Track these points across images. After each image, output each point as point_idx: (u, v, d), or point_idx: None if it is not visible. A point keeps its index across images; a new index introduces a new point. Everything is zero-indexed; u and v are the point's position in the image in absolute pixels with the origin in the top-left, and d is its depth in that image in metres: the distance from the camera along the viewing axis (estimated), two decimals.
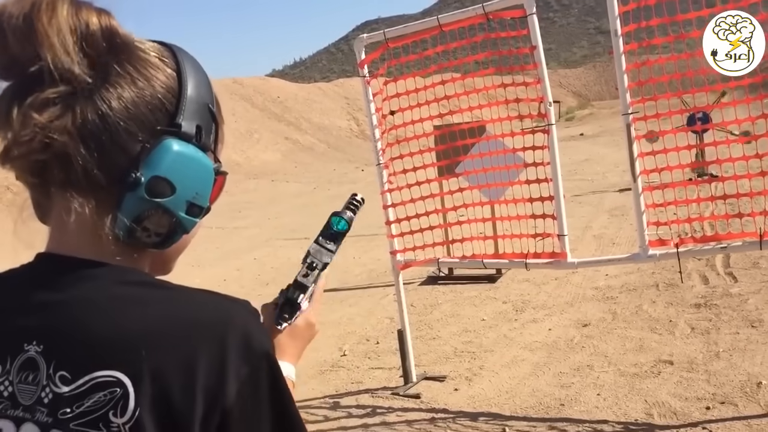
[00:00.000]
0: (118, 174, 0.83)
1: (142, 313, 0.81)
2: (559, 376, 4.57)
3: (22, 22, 0.78)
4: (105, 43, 0.82)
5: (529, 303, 6.30)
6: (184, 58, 0.90)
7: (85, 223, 0.84)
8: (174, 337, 0.80)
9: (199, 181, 0.89)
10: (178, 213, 0.87)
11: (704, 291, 5.95)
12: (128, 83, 0.83)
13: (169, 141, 0.85)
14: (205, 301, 0.86)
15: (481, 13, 4.19)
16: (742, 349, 4.57)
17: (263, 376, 0.83)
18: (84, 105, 0.80)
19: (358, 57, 4.60)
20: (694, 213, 4.49)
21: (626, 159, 12.97)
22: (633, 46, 3.97)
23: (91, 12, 0.82)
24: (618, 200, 11.18)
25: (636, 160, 3.95)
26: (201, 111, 0.89)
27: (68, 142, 0.79)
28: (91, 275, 0.83)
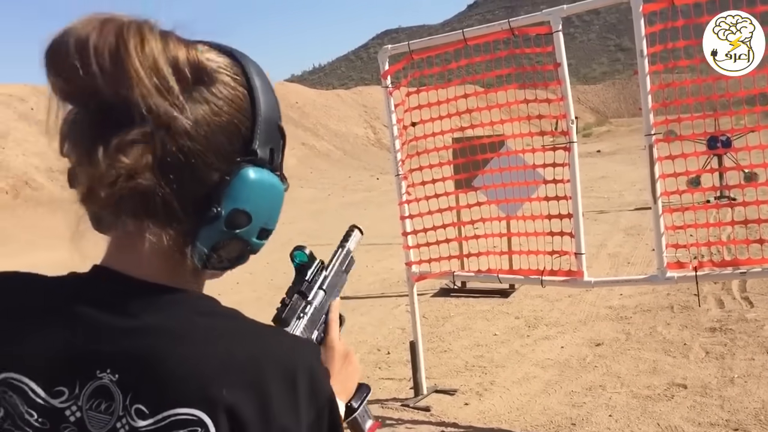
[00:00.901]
0: (196, 205, 0.81)
1: (218, 347, 0.78)
2: (570, 395, 4.54)
3: (109, 56, 0.74)
4: (192, 78, 0.79)
5: (542, 319, 6.27)
6: (253, 72, 0.86)
7: (158, 249, 0.82)
8: (250, 376, 0.78)
9: (273, 207, 0.89)
10: (251, 240, 0.87)
11: (720, 315, 5.90)
12: (206, 111, 0.81)
13: (247, 170, 0.83)
14: (277, 339, 0.85)
15: (506, 28, 4.19)
16: (757, 376, 4.52)
17: (326, 420, 0.82)
18: (165, 139, 0.77)
19: (382, 67, 4.61)
20: (714, 236, 4.46)
21: (643, 178, 12.95)
22: (658, 67, 3.95)
23: (179, 46, 0.79)
24: (634, 219, 11.12)
25: (657, 181, 3.93)
26: (273, 132, 0.88)
27: (151, 180, 0.77)
28: (167, 302, 0.81)
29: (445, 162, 4.75)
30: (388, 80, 4.60)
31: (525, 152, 4.46)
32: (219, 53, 0.85)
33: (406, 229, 4.62)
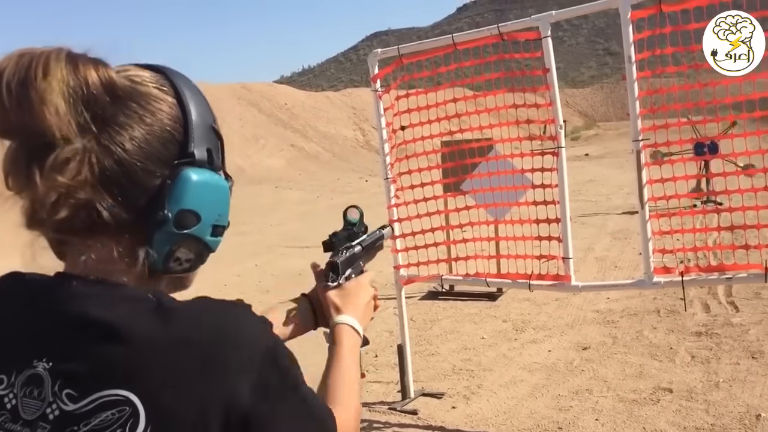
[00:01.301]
0: (142, 212, 0.85)
1: (146, 331, 0.81)
2: (557, 398, 4.55)
3: (20, 89, 0.79)
4: (107, 96, 0.83)
5: (530, 323, 6.29)
6: (180, 82, 0.92)
7: (110, 258, 0.87)
8: (178, 353, 0.81)
9: (219, 204, 0.92)
10: (205, 238, 0.91)
11: (705, 319, 5.94)
12: (137, 122, 0.85)
13: (187, 172, 0.87)
14: (206, 312, 0.86)
15: (495, 33, 4.20)
16: (742, 380, 4.55)
17: (269, 374, 0.85)
18: (100, 154, 0.82)
19: (372, 71, 4.61)
20: (700, 242, 4.49)
21: (630, 182, 12.99)
22: (646, 73, 3.98)
23: (88, 67, 0.83)
24: (621, 223, 11.18)
25: (645, 186, 3.96)
26: (207, 133, 0.92)
27: (91, 194, 0.81)
28: (108, 295, 0.84)
29: (433, 166, 4.76)
30: (378, 84, 4.61)
31: (513, 156, 4.47)
32: (143, 69, 0.91)
33: (394, 233, 4.62)
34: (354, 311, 1.31)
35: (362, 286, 1.35)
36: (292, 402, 0.89)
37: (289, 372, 0.89)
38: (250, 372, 0.83)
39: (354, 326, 1.28)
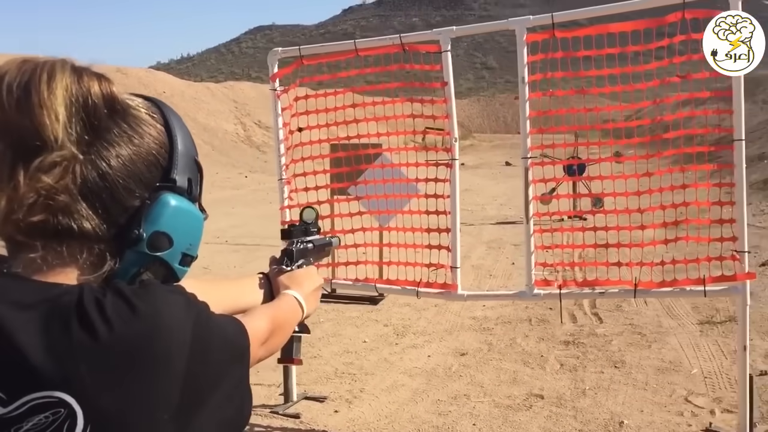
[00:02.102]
0: (117, 228, 0.87)
1: (76, 326, 0.79)
2: (437, 403, 4.68)
3: (22, 91, 0.81)
4: (106, 110, 0.86)
5: (410, 328, 6.42)
6: (169, 113, 0.96)
7: (68, 261, 0.85)
8: (111, 351, 0.79)
9: (192, 233, 0.95)
10: (173, 264, 0.93)
11: (573, 329, 6.29)
12: (125, 141, 0.88)
13: (167, 196, 0.90)
14: (136, 302, 0.84)
15: (398, 43, 4.27)
16: (606, 388, 4.86)
17: (197, 361, 0.85)
18: (84, 165, 0.83)
19: (271, 70, 4.56)
20: (577, 258, 4.76)
21: (503, 192, 13.62)
22: (537, 95, 4.17)
23: (92, 79, 0.86)
24: (495, 233, 11.63)
25: (530, 202, 4.15)
26: (190, 164, 0.95)
27: (69, 201, 0.82)
28: (25, 292, 0.82)
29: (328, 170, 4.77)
30: (277, 83, 4.56)
31: (408, 165, 4.55)
32: (136, 96, 0.96)
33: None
34: (301, 291, 1.38)
35: (311, 274, 1.46)
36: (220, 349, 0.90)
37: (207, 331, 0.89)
38: (179, 365, 0.82)
39: (298, 299, 1.35)
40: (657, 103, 4.13)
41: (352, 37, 32.68)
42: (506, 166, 26.53)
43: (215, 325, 0.91)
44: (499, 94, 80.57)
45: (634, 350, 5.62)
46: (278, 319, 1.24)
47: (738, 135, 3.75)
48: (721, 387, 4.77)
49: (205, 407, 0.86)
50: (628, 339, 5.92)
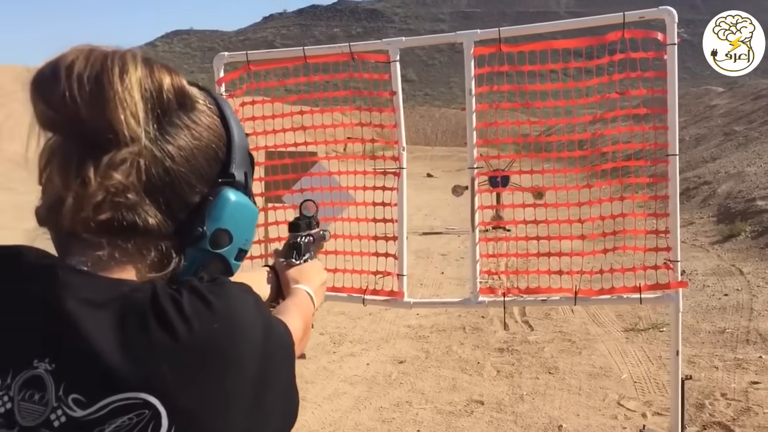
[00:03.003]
0: (180, 224, 0.86)
1: (157, 328, 0.78)
2: (380, 410, 4.70)
3: (94, 84, 0.78)
4: (177, 104, 0.85)
5: (346, 336, 6.43)
6: (223, 104, 0.95)
7: (120, 257, 0.83)
8: (193, 350, 0.78)
9: (249, 228, 0.95)
10: (231, 260, 0.93)
11: (506, 336, 6.44)
12: (187, 135, 0.86)
13: (228, 192, 0.89)
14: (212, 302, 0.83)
15: (347, 52, 4.29)
16: (543, 393, 5.00)
17: (267, 363, 0.85)
18: (149, 161, 0.82)
19: (216, 74, 4.49)
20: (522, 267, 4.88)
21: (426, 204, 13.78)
22: (484, 107, 4.27)
23: (163, 73, 0.84)
24: (423, 243, 11.76)
25: (476, 211, 4.23)
26: (245, 157, 0.95)
27: (137, 198, 0.81)
28: (100, 289, 0.79)
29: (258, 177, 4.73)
30: (223, 87, 4.50)
31: (356, 173, 4.57)
32: (190, 85, 0.92)
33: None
34: (311, 285, 1.37)
35: (318, 268, 1.46)
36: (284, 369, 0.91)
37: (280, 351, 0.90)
38: (252, 364, 0.82)
39: (310, 293, 1.34)
40: (597, 117, 4.30)
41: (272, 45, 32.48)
42: (428, 178, 26.89)
43: (276, 325, 0.91)
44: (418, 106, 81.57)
45: (565, 357, 5.81)
46: (306, 318, 1.24)
47: (672, 150, 3.95)
48: (651, 391, 4.98)
49: (268, 405, 0.85)
50: (559, 346, 6.11)
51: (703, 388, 4.92)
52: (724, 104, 24.02)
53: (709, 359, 5.55)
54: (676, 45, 3.75)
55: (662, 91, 3.88)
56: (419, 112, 72.14)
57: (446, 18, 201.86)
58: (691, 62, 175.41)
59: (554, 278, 4.19)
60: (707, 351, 5.75)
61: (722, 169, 14.90)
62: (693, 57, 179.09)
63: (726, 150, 16.97)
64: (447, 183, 22.00)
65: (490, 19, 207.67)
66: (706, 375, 5.20)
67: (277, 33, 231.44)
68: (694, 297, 7.42)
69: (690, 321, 6.56)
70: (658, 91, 3.96)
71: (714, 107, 24.30)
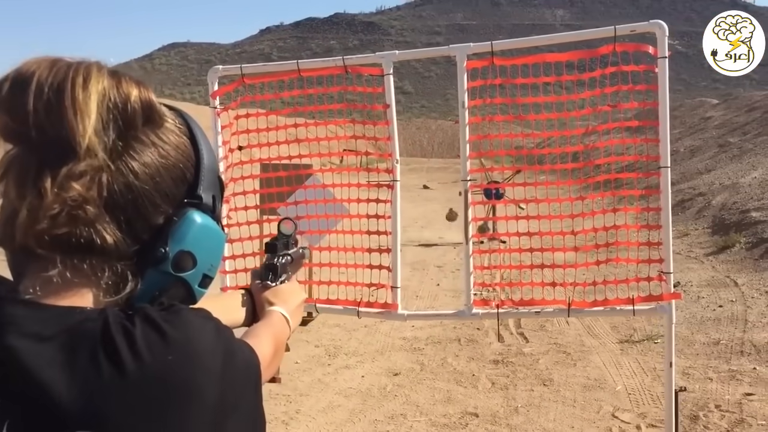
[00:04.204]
0: (140, 244, 0.82)
1: (106, 362, 0.75)
2: (375, 423, 4.69)
3: (55, 93, 0.76)
4: (142, 119, 0.82)
5: (341, 348, 6.42)
6: (194, 125, 0.91)
7: (89, 280, 0.80)
8: (141, 381, 0.75)
9: (215, 253, 0.91)
10: (194, 286, 0.89)
11: (501, 348, 6.44)
12: (153, 153, 0.83)
13: (193, 213, 0.86)
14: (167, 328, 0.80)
15: (340, 65, 4.32)
16: (537, 406, 5.00)
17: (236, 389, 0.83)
18: (111, 176, 0.79)
19: (211, 87, 4.51)
20: (516, 278, 4.90)
21: (422, 215, 13.76)
22: (477, 119, 4.29)
23: (131, 85, 0.81)
24: (419, 254, 11.75)
25: (470, 223, 4.24)
26: (214, 181, 0.91)
27: (96, 213, 0.77)
28: (44, 322, 0.76)
29: (253, 190, 4.75)
30: (217, 101, 4.51)
31: (350, 186, 4.58)
32: (161, 104, 0.88)
33: (224, 253, 4.51)
34: (286, 307, 1.34)
35: (295, 289, 1.42)
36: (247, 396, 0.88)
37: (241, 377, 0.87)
38: (212, 393, 0.79)
39: (285, 315, 1.31)
40: (589, 130, 4.33)
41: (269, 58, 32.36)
42: (424, 189, 26.91)
43: (239, 350, 0.88)
44: (415, 118, 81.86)
45: (560, 368, 5.81)
46: (278, 341, 1.21)
47: (664, 162, 3.97)
48: (645, 403, 4.98)
49: None
50: (554, 358, 6.11)
51: (697, 400, 4.93)
52: (718, 116, 24.13)
53: (704, 371, 5.55)
54: (667, 58, 3.78)
55: (654, 104, 3.91)
56: (416, 124, 72.39)
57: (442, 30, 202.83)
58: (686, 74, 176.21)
59: (548, 290, 4.20)
60: (701, 362, 5.76)
61: (717, 180, 14.95)
62: (687, 69, 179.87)
63: (720, 161, 17.04)
64: (443, 195, 22.08)
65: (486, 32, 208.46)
66: (701, 386, 5.20)
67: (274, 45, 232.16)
68: (689, 308, 7.43)
69: (684, 332, 6.57)
70: (650, 104, 3.99)
71: (709, 119, 24.42)
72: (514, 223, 4.47)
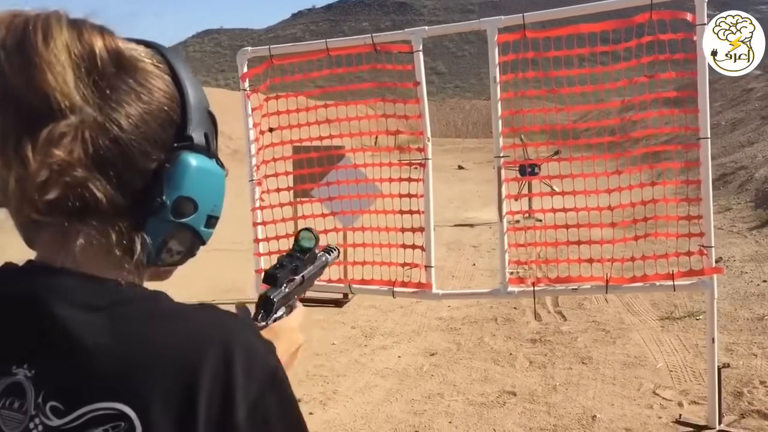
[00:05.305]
0: (137, 197, 0.79)
1: (143, 336, 0.75)
2: (411, 403, 4.68)
3: (18, 51, 0.72)
4: (113, 67, 0.77)
5: (377, 329, 6.41)
6: (175, 60, 0.86)
7: (99, 247, 0.79)
8: (175, 361, 0.74)
9: (216, 193, 0.87)
10: (199, 228, 0.86)
11: (538, 327, 6.37)
12: (134, 100, 0.79)
13: (186, 157, 0.82)
14: (202, 319, 0.80)
15: (369, 43, 4.27)
16: (576, 384, 4.93)
17: (272, 396, 0.79)
18: (94, 132, 0.75)
19: (240, 69, 4.51)
20: (550, 256, 4.83)
21: (458, 196, 13.60)
22: (509, 95, 4.22)
23: (94, 34, 0.77)
24: (454, 235, 11.69)
25: (503, 200, 4.19)
26: (204, 117, 0.87)
27: (85, 174, 0.74)
28: (93, 292, 0.76)
29: (294, 171, 4.75)
30: (246, 83, 4.51)
31: (382, 165, 4.55)
32: (136, 43, 0.83)
33: (258, 236, 4.53)
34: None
35: (289, 330, 1.17)
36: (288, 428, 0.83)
37: (289, 399, 0.83)
38: (254, 391, 0.77)
39: None
40: (625, 102, 4.22)
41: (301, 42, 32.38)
42: (459, 170, 26.73)
43: None
44: (448, 98, 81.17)
45: (599, 346, 5.72)
46: None
47: (704, 133, 3.86)
48: (687, 380, 4.89)
49: None
50: (592, 336, 6.02)
51: (741, 376, 4.81)
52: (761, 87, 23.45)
53: (748, 347, 5.42)
54: (706, 25, 3.66)
55: (692, 74, 3.80)
56: (449, 104, 71.76)
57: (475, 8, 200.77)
58: None
59: (585, 267, 4.13)
60: (745, 338, 5.63)
61: (759, 153, 14.55)
62: None
63: (763, 134, 16.56)
64: (478, 175, 21.89)
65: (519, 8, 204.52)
66: (745, 363, 5.08)
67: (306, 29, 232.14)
68: (732, 284, 7.26)
69: (727, 308, 6.42)
70: (688, 74, 3.87)
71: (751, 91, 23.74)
72: (549, 199, 4.41)
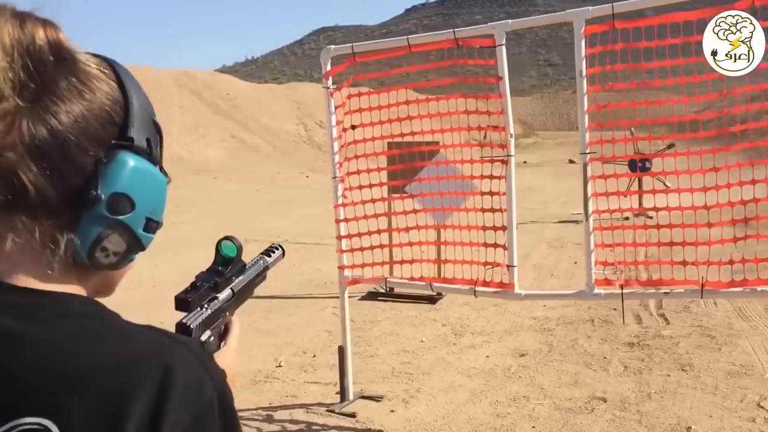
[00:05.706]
0: (71, 193, 0.78)
1: (78, 354, 0.73)
2: (495, 404, 4.59)
3: None
4: (52, 57, 0.78)
5: (468, 328, 6.34)
6: (121, 70, 0.87)
7: (26, 246, 0.78)
8: (108, 381, 0.73)
9: (155, 196, 0.87)
10: (137, 230, 0.85)
11: (637, 330, 6.09)
12: (75, 96, 0.79)
13: (125, 155, 0.82)
14: (145, 341, 0.78)
15: (451, 38, 4.20)
16: (673, 392, 4.67)
17: (212, 415, 0.77)
18: (31, 120, 0.75)
19: (324, 68, 4.55)
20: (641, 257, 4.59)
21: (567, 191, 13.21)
22: (596, 88, 4.03)
23: (36, 25, 0.78)
24: (558, 231, 11.39)
25: (590, 199, 4.01)
26: (148, 124, 0.87)
27: (17, 160, 0.74)
28: (25, 305, 0.76)
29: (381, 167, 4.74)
30: (330, 81, 4.55)
31: (464, 162, 4.47)
32: (86, 52, 0.85)
33: (341, 233, 4.57)
34: None
35: (224, 359, 1.03)
36: None
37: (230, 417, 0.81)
38: (187, 420, 0.74)
39: None
40: (724, 95, 3.94)
41: None
42: (570, 164, 25.99)
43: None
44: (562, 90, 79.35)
45: (702, 353, 5.40)
46: None
47: None
48: None
49: None
50: (696, 341, 5.69)
51: None
52: None
53: None
54: None
55: None
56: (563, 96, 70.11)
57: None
58: None
59: (678, 269, 3.89)
60: None
61: None
62: None
63: None
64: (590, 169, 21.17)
65: None
66: None
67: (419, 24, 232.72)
68: None
69: None
70: None
71: None
72: (663, 197, 4.17)
